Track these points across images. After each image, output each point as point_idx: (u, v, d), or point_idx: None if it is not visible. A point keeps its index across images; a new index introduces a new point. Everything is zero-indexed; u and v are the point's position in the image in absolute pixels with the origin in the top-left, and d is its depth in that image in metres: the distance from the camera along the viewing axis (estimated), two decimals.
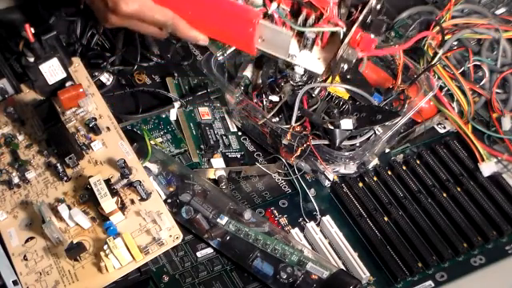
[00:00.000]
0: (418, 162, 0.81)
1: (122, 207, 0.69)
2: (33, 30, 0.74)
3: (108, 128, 0.76)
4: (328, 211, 0.78)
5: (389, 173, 0.80)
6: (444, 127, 0.86)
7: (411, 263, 0.72)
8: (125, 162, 0.71)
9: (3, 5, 0.88)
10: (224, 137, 0.84)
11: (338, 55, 0.71)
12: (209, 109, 0.87)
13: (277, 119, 0.78)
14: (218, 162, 0.81)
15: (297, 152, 0.76)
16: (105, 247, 0.65)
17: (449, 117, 0.84)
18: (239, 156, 0.83)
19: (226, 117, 0.87)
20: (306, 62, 0.73)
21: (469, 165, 0.80)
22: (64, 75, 0.78)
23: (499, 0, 0.94)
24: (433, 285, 0.72)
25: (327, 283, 0.68)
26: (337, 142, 0.73)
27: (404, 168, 0.80)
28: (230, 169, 0.81)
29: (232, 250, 0.72)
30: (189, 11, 0.71)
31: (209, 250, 0.74)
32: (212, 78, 0.83)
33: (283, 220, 0.77)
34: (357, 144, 0.75)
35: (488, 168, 0.79)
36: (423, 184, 0.79)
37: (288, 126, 0.76)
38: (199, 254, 0.73)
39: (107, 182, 0.69)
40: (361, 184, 0.79)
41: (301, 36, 0.72)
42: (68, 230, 0.70)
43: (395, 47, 0.79)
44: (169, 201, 0.74)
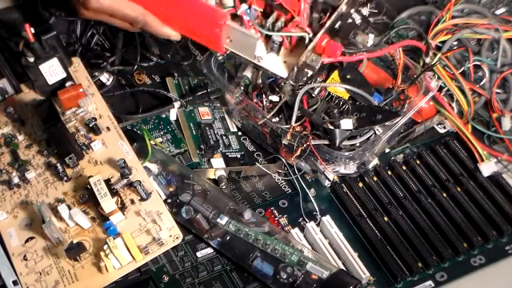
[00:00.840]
0: (418, 162, 0.81)
1: (122, 207, 0.69)
2: (33, 30, 0.74)
3: (108, 128, 0.76)
4: (328, 211, 0.78)
5: (389, 173, 0.80)
6: (444, 127, 0.86)
7: (411, 263, 0.72)
8: (125, 162, 0.71)
9: (3, 5, 0.88)
10: (224, 137, 0.84)
11: (301, 61, 0.71)
12: (209, 109, 0.87)
13: (277, 119, 0.78)
14: (218, 162, 0.81)
15: (297, 152, 0.76)
16: (105, 247, 0.65)
17: (448, 118, 0.84)
18: (239, 156, 0.83)
19: (226, 117, 0.87)
20: (272, 65, 0.74)
21: (469, 165, 0.80)
22: (64, 75, 0.78)
23: (499, 0, 0.94)
24: (433, 285, 0.72)
25: (327, 283, 0.68)
26: (337, 142, 0.73)
27: (404, 168, 0.80)
28: (230, 169, 0.80)
29: (232, 250, 0.72)
30: (160, 8, 0.72)
31: (209, 250, 0.74)
32: (212, 78, 0.83)
33: (283, 220, 0.77)
34: (357, 144, 0.75)
35: (488, 168, 0.79)
36: (423, 184, 0.79)
37: (288, 126, 0.76)
38: (199, 254, 0.73)
39: (107, 182, 0.69)
40: (361, 184, 0.79)
41: (269, 38, 0.72)
42: (68, 230, 0.70)
43: (363, 54, 0.77)
44: (169, 201, 0.74)
